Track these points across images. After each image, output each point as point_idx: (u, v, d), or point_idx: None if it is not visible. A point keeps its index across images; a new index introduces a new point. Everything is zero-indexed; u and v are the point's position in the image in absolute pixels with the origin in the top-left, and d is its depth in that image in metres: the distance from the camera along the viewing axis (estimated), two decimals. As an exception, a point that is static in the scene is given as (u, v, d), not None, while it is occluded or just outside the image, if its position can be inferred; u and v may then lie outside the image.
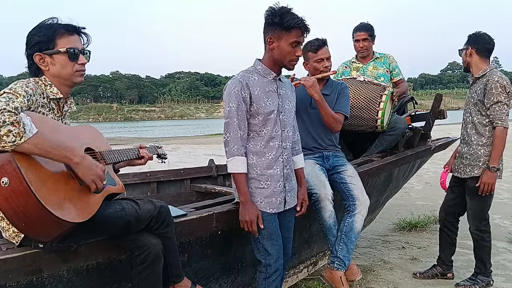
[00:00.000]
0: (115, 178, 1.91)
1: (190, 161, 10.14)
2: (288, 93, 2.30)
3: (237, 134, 2.10)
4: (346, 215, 2.72)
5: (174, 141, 18.62)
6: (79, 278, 1.75)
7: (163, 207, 1.91)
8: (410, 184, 6.60)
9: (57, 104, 1.75)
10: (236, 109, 2.09)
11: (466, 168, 3.00)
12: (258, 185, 2.17)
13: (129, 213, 1.77)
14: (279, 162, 2.21)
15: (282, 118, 2.21)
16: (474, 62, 2.98)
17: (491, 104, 2.83)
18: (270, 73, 2.19)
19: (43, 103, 1.66)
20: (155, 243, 1.82)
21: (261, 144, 2.17)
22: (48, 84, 1.70)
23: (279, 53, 2.13)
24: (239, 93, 2.09)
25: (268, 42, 2.14)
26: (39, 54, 1.68)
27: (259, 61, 2.22)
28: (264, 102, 2.14)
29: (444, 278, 3.25)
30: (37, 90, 1.63)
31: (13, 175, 1.39)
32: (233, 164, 2.11)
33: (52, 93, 1.70)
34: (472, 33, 3.00)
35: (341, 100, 2.87)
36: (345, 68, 4.06)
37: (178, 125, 39.56)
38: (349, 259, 2.70)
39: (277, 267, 2.20)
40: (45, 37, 1.68)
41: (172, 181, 3.59)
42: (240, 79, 2.12)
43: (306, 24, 2.09)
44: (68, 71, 1.72)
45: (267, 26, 2.13)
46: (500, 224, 4.72)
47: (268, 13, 2.10)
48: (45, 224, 1.46)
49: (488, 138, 2.91)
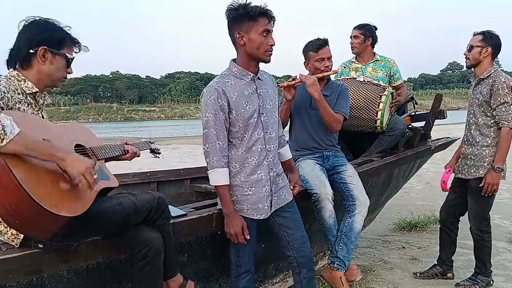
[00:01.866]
0: (108, 173, 1.91)
1: (190, 161, 10.14)
2: (269, 91, 2.20)
3: (215, 145, 2.04)
4: (346, 215, 2.72)
5: (174, 141, 18.60)
6: (79, 278, 1.75)
7: (161, 198, 1.91)
8: (410, 184, 6.60)
9: (34, 98, 1.74)
10: (214, 118, 2.02)
11: (470, 169, 2.99)
12: (243, 193, 2.13)
13: (126, 206, 1.77)
14: (264, 166, 2.15)
15: (264, 120, 2.13)
16: (484, 62, 2.92)
17: (497, 105, 2.82)
18: (247, 74, 2.10)
19: (19, 99, 1.65)
20: (155, 237, 1.82)
21: (243, 150, 2.10)
22: (22, 80, 1.69)
23: (252, 47, 2.02)
24: (216, 102, 2.01)
25: (237, 39, 2.03)
26: (45, 48, 1.69)
27: (234, 62, 2.13)
28: (243, 108, 2.06)
29: (444, 278, 3.24)
30: (10, 87, 1.62)
31: (2, 173, 1.38)
32: (213, 176, 2.06)
33: (28, 88, 1.70)
34: (488, 32, 2.92)
35: (341, 101, 2.87)
36: (344, 68, 4.05)
37: (178, 125, 39.54)
38: (349, 259, 2.70)
39: (247, 268, 2.21)
40: (58, 38, 1.72)
41: (172, 181, 3.58)
42: (216, 87, 2.04)
43: (270, 10, 2.02)
44: (59, 75, 1.76)
45: (232, 22, 2.03)
46: (500, 224, 4.72)
47: (230, 10, 2.01)
48: (39, 220, 1.46)
49: (493, 139, 2.90)
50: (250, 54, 2.06)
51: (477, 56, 2.93)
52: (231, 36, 2.08)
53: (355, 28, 3.90)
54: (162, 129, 34.23)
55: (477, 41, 2.93)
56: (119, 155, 2.07)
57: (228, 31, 2.08)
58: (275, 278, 2.86)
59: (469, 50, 2.96)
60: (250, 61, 2.10)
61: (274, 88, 2.28)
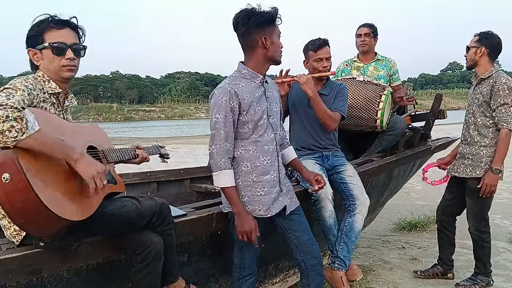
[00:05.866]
0: (116, 177, 1.92)
1: (190, 161, 10.13)
2: (275, 94, 2.25)
3: (223, 147, 2.02)
4: (346, 215, 2.72)
5: (174, 141, 18.60)
6: (79, 278, 1.75)
7: (164, 204, 1.92)
8: (410, 184, 6.59)
9: (57, 99, 1.76)
10: (224, 120, 2.01)
11: (466, 169, 2.99)
12: (255, 193, 2.11)
13: (130, 209, 1.78)
14: (275, 167, 2.16)
15: (273, 121, 2.17)
16: (482, 62, 2.93)
17: (497, 106, 2.82)
18: (257, 76, 2.11)
19: (44, 98, 1.67)
20: (156, 241, 1.82)
21: (254, 149, 2.10)
22: (46, 80, 1.72)
23: (273, 50, 2.08)
24: (228, 103, 2.00)
25: (262, 42, 2.04)
26: (32, 49, 1.71)
27: (243, 65, 2.13)
28: (254, 109, 2.07)
29: (444, 278, 3.24)
30: (37, 85, 1.64)
31: (14, 171, 1.40)
32: (220, 178, 2.03)
33: (51, 88, 1.72)
34: (483, 32, 2.94)
35: (338, 99, 2.87)
36: (346, 66, 4.06)
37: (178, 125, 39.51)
38: (349, 259, 2.70)
39: (251, 271, 2.20)
40: (35, 32, 1.71)
41: (172, 181, 3.58)
42: (228, 88, 2.03)
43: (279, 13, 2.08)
44: (54, 66, 1.72)
45: (256, 27, 2.02)
46: (500, 224, 4.72)
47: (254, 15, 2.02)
48: (43, 221, 1.47)
49: (491, 139, 2.90)
50: (271, 57, 2.11)
51: (473, 57, 2.95)
52: (250, 40, 2.06)
53: (363, 27, 3.91)
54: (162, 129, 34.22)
55: (473, 42, 2.96)
56: (129, 159, 2.07)
57: (245, 35, 2.06)
58: (275, 278, 2.86)
59: (467, 51, 2.99)
60: (265, 64, 2.13)
61: (277, 91, 2.33)
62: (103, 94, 74.67)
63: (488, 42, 2.91)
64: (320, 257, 2.29)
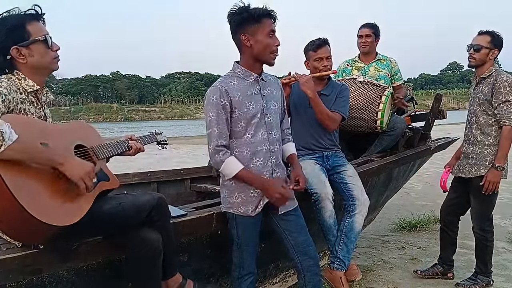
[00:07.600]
0: (108, 173, 1.88)
1: (190, 161, 10.13)
2: (274, 92, 2.22)
3: (218, 143, 2.04)
4: (346, 215, 2.72)
5: (174, 141, 18.59)
6: (79, 278, 1.75)
7: (161, 198, 1.91)
8: (410, 184, 6.59)
9: (36, 96, 1.72)
10: (216, 117, 2.03)
11: (471, 168, 2.98)
12: (248, 194, 2.12)
13: (126, 206, 1.77)
14: (268, 167, 2.16)
15: (268, 121, 2.14)
16: (488, 63, 2.91)
17: (499, 103, 2.82)
18: (251, 74, 2.11)
19: (21, 98, 1.63)
20: (155, 238, 1.82)
21: (247, 151, 2.10)
22: (22, 78, 1.66)
23: (259, 48, 2.04)
24: (218, 101, 2.02)
25: (243, 41, 2.04)
26: (16, 48, 1.63)
27: (238, 64, 2.14)
28: (246, 107, 2.07)
29: (444, 278, 3.24)
30: (12, 87, 1.59)
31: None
32: (228, 167, 2.05)
33: (29, 86, 1.67)
34: (495, 33, 2.90)
35: (339, 100, 2.87)
36: (346, 66, 4.06)
37: (178, 125, 39.50)
38: (349, 259, 2.70)
39: (250, 270, 2.20)
40: (16, 29, 1.63)
41: (172, 181, 3.58)
42: (219, 86, 2.05)
43: (273, 11, 2.05)
44: (47, 59, 1.69)
45: (237, 27, 2.04)
46: (500, 224, 4.72)
47: (233, 14, 2.03)
48: (31, 229, 1.45)
49: (494, 137, 2.90)
50: (257, 56, 2.09)
51: (484, 58, 2.89)
52: (236, 39, 2.09)
53: (364, 27, 3.90)
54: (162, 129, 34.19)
55: (486, 42, 2.88)
56: (122, 152, 2.03)
57: (232, 35, 2.09)
58: (275, 278, 2.86)
59: (477, 50, 2.90)
60: (255, 63, 2.12)
61: (279, 90, 2.29)
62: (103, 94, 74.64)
63: (500, 44, 2.90)
64: (317, 257, 2.29)
